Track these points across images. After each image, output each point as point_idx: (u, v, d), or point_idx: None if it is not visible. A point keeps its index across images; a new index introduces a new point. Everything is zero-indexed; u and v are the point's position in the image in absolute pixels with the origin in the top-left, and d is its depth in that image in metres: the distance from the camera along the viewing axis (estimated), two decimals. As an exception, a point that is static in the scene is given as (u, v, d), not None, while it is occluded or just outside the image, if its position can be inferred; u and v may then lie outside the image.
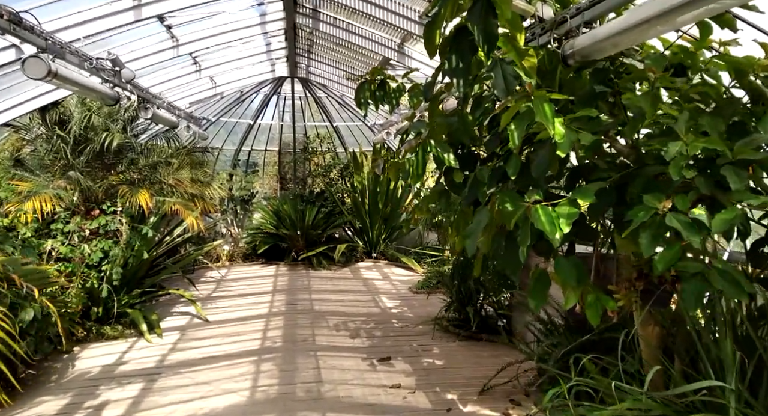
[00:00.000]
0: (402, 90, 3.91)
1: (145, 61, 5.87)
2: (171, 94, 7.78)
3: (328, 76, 8.96)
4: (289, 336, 6.04)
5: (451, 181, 3.44)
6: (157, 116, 6.55)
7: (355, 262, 10.93)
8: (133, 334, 6.02)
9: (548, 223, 2.49)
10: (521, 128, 2.64)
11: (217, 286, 8.79)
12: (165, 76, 7.12)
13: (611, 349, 3.83)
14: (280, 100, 11.76)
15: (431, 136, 3.28)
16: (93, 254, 5.57)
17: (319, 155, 12.53)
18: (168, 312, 7.11)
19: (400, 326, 6.43)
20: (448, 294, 6.51)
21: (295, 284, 8.98)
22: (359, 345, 5.73)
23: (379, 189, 10.96)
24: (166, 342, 5.83)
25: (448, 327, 6.12)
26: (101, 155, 6.16)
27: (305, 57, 8.31)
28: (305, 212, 10.87)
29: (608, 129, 2.92)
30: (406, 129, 4.16)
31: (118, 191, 5.71)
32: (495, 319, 5.91)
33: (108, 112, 6.15)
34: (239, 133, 12.09)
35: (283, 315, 6.98)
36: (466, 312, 5.89)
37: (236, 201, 11.62)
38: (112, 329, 5.99)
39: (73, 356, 5.31)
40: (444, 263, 9.21)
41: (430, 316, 6.72)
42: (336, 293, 8.29)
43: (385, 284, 9.02)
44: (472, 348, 5.58)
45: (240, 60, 7.73)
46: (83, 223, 5.64)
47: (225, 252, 10.80)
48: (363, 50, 6.65)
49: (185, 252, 9.40)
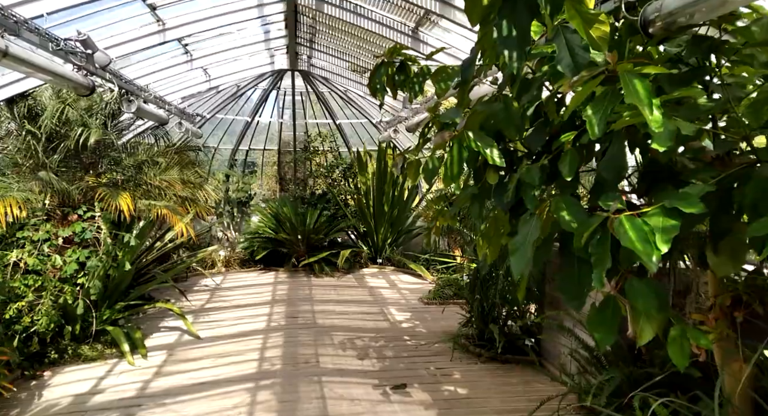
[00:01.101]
0: (427, 73, 3.23)
1: (127, 48, 5.21)
2: (161, 88, 7.12)
3: (331, 69, 8.30)
4: (290, 356, 5.37)
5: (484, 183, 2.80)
6: (143, 111, 5.89)
7: (359, 268, 10.27)
8: (115, 354, 5.36)
9: (640, 240, 1.84)
10: (601, 114, 1.98)
11: (212, 296, 8.12)
12: (152, 66, 6.46)
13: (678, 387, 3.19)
14: (280, 96, 11.10)
15: (469, 127, 2.61)
16: (67, 265, 4.90)
17: (320, 155, 11.86)
18: (155, 326, 6.44)
19: (414, 344, 5.76)
20: (466, 308, 5.86)
21: (296, 293, 8.31)
22: (369, 367, 5.06)
23: (385, 191, 10.30)
24: (150, 363, 5.16)
25: (468, 346, 5.46)
26: (79, 153, 5.49)
27: (307, 47, 7.65)
28: (306, 215, 10.21)
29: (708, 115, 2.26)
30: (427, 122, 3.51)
31: (96, 194, 5.03)
32: (521, 338, 5.24)
33: (87, 105, 5.48)
34: (236, 131, 11.42)
35: (282, 329, 6.32)
36: (488, 329, 5.22)
37: (233, 203, 10.96)
38: (90, 349, 5.33)
39: (42, 383, 4.64)
40: (456, 271, 8.56)
41: (446, 332, 6.07)
42: (340, 303, 7.63)
43: (393, 293, 8.35)
44: (498, 372, 4.91)
45: (235, 49, 7.06)
46: (56, 230, 4.98)
47: (221, 258, 10.13)
48: (371, 37, 5.99)
49: (178, 259, 8.74)
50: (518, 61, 2.25)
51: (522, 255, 2.32)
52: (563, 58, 2.15)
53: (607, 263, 1.94)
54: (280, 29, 6.82)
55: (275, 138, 12.10)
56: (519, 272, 2.31)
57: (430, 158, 3.15)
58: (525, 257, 2.31)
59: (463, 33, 4.89)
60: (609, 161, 2.29)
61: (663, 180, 2.40)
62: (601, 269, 1.95)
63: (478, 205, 3.02)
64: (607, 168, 2.29)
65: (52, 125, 4.97)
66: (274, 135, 12.09)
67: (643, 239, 1.83)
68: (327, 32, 6.72)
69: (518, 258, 2.32)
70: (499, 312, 5.44)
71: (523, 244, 2.35)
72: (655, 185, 2.46)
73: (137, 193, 5.92)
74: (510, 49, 2.22)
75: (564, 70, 2.15)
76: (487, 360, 5.17)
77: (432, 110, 3.67)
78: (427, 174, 3.12)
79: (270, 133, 12.11)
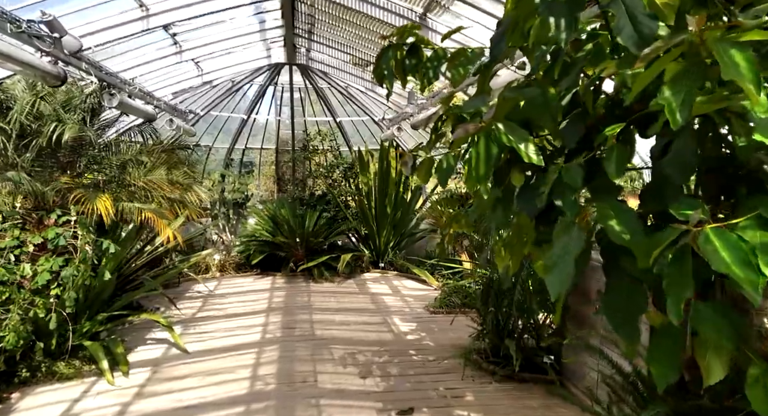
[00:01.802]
0: (442, 57, 2.75)
1: (105, 35, 4.74)
2: (149, 83, 6.66)
3: (331, 63, 7.83)
4: (285, 373, 4.90)
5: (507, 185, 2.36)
6: (127, 106, 5.43)
7: (360, 273, 9.80)
8: (93, 371, 4.89)
9: (738, 262, 1.42)
10: (684, 96, 1.53)
11: (204, 303, 7.65)
12: (138, 58, 6.00)
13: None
14: (277, 92, 10.62)
15: (498, 117, 2.13)
16: (39, 275, 4.43)
17: (320, 154, 11.39)
18: (141, 338, 5.97)
19: (420, 359, 5.29)
20: (477, 319, 5.38)
21: (294, 300, 7.83)
22: (372, 387, 4.59)
23: (388, 192, 9.83)
24: (132, 383, 4.69)
25: (480, 362, 4.99)
26: (55, 151, 5.02)
27: (305, 38, 7.17)
28: (305, 217, 9.74)
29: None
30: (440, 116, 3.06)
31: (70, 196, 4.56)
32: (539, 355, 4.76)
33: (65, 99, 5.01)
34: (232, 129, 10.94)
35: (278, 342, 5.84)
36: (504, 345, 4.75)
37: (229, 205, 10.48)
38: (66, 365, 4.86)
39: (9, 407, 4.17)
40: (463, 277, 8.08)
41: (455, 345, 5.60)
42: (341, 312, 7.15)
43: (397, 300, 7.88)
44: (515, 393, 4.44)
45: (228, 41, 6.59)
46: (26, 236, 4.51)
47: (215, 262, 9.65)
48: (375, 25, 5.52)
49: (170, 263, 8.27)
50: (567, 30, 1.80)
51: (561, 271, 1.85)
52: (623, 27, 1.69)
53: (686, 291, 1.49)
54: (277, 19, 6.35)
55: (273, 137, 11.63)
56: (558, 291, 1.85)
57: (445, 156, 2.68)
58: (565, 273, 1.85)
59: (477, 17, 4.43)
60: (675, 158, 1.83)
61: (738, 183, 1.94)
62: (677, 297, 1.50)
63: (502, 210, 2.53)
64: (673, 165, 1.83)
65: (24, 120, 4.50)
66: (272, 134, 11.62)
67: (742, 262, 1.38)
68: (327, 22, 6.25)
69: (557, 275, 1.85)
70: (514, 325, 4.97)
71: (562, 258, 1.88)
72: (729, 190, 1.99)
73: (121, 194, 5.45)
74: (557, 15, 1.77)
75: (626, 42, 1.68)
76: (503, 378, 4.70)
77: (446, 101, 3.18)
78: (442, 174, 2.65)
79: (267, 131, 11.64)
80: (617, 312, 1.86)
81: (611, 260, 1.97)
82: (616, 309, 1.87)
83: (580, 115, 2.20)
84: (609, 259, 1.98)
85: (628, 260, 1.79)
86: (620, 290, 1.89)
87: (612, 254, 1.95)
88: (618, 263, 1.92)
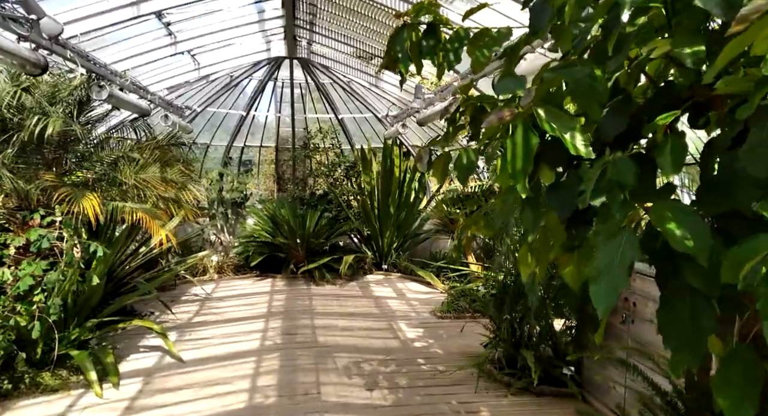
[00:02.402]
0: (464, 38, 2.42)
1: (92, 23, 4.41)
2: (143, 76, 6.35)
3: (333, 56, 7.52)
4: (287, 385, 4.58)
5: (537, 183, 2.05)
6: (118, 99, 5.11)
7: (363, 275, 9.48)
8: (81, 382, 4.57)
9: None
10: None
11: (201, 307, 7.33)
12: (130, 49, 5.68)
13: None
14: (277, 88, 10.29)
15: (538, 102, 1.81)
16: (21, 280, 4.11)
17: (321, 153, 11.07)
18: (134, 346, 5.65)
19: (430, 369, 4.97)
20: (490, 326, 5.08)
21: (295, 304, 7.52)
22: (379, 401, 4.27)
23: (391, 191, 9.52)
24: (122, 395, 4.37)
25: (494, 373, 4.68)
26: (41, 147, 4.70)
27: (307, 30, 6.85)
28: (306, 217, 9.42)
29: None
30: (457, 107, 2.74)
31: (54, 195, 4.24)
32: (558, 366, 4.45)
33: (51, 91, 4.69)
34: (230, 126, 10.62)
35: (279, 350, 5.53)
36: (520, 356, 4.43)
37: (227, 204, 10.15)
38: (52, 376, 4.55)
39: (-13, 423, 3.86)
40: (470, 280, 7.77)
41: (466, 354, 5.30)
42: (344, 317, 6.84)
43: (402, 304, 7.57)
44: (533, 408, 4.13)
45: (226, 32, 6.26)
46: (8, 238, 4.19)
47: (213, 264, 9.33)
48: (380, 15, 5.20)
49: (166, 265, 7.95)
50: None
51: (609, 283, 1.55)
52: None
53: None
54: (276, 9, 6.03)
55: (272, 134, 11.30)
56: (606, 306, 1.55)
57: (465, 150, 2.37)
58: (614, 285, 1.54)
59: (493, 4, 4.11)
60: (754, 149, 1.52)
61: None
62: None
63: (532, 212, 2.20)
64: (753, 159, 1.51)
65: (5, 113, 4.18)
66: (272, 131, 11.30)
67: None
68: (330, 11, 5.93)
69: (604, 287, 1.55)
70: (530, 333, 4.66)
71: (610, 267, 1.57)
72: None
73: (112, 193, 5.14)
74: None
75: (712, 8, 1.38)
76: (519, 391, 4.38)
77: (465, 89, 2.85)
78: (461, 171, 2.33)
79: (267, 128, 11.31)
80: (677, 333, 1.56)
81: (668, 271, 1.67)
82: (675, 329, 1.57)
83: (623, 102, 1.90)
84: (665, 269, 1.67)
85: (692, 270, 1.50)
86: (681, 307, 1.58)
87: (669, 264, 1.65)
88: (677, 275, 1.61)
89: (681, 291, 1.59)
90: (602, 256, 1.57)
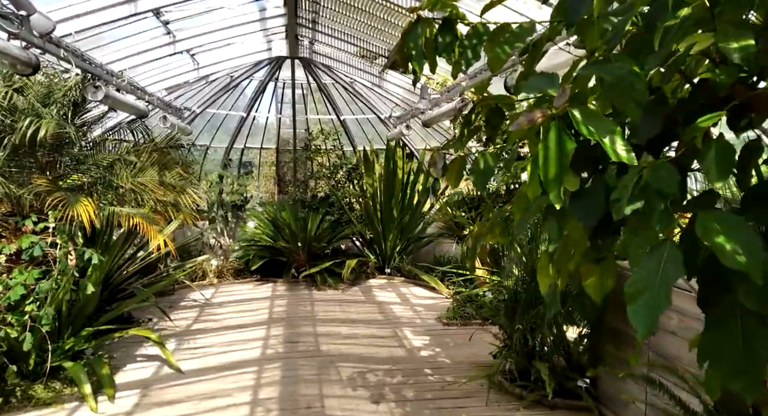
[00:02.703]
0: (484, 34, 2.24)
1: (88, 20, 4.24)
2: (141, 77, 6.17)
3: (336, 56, 7.34)
4: (289, 398, 4.40)
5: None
6: (114, 100, 4.93)
7: (365, 279, 9.30)
8: (75, 395, 4.39)
9: None
10: None
11: (200, 314, 7.14)
12: (128, 49, 5.50)
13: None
14: (278, 89, 10.11)
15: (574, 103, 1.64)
16: (11, 290, 3.93)
17: (323, 154, 10.89)
18: (131, 355, 5.47)
19: (438, 380, 4.79)
20: (500, 335, 4.90)
21: (296, 310, 7.34)
22: (386, 415, 4.09)
23: (394, 194, 9.34)
24: (117, 409, 4.19)
25: (505, 384, 4.50)
26: (34, 150, 4.52)
27: (309, 28, 6.67)
28: (307, 220, 9.24)
29: None
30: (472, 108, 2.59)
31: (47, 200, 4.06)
32: (572, 378, 4.26)
33: (44, 92, 4.52)
34: (230, 127, 10.44)
35: (280, 359, 5.35)
36: (534, 368, 4.25)
37: (227, 207, 9.96)
38: (45, 389, 4.38)
39: (-25, 441, 3.68)
40: (476, 285, 7.58)
41: (474, 363, 5.12)
42: (347, 324, 6.66)
43: (406, 310, 7.38)
44: (548, 422, 3.95)
45: (226, 31, 6.09)
46: None
47: (213, 268, 9.14)
48: (385, 13, 5.03)
49: (164, 269, 7.77)
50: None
51: (651, 302, 1.40)
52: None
53: None
54: (278, 7, 5.86)
55: (273, 136, 11.13)
56: (647, 329, 1.39)
57: (482, 154, 2.21)
58: (656, 305, 1.39)
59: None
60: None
61: None
62: None
63: (556, 221, 2.02)
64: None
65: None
66: (272, 132, 11.12)
67: None
68: (333, 9, 5.76)
69: (645, 307, 1.41)
70: (543, 342, 4.49)
71: (650, 285, 1.42)
72: None
73: (108, 198, 4.96)
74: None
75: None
76: (532, 404, 4.20)
77: (481, 88, 2.69)
78: (478, 177, 2.19)
79: (267, 130, 11.13)
80: (727, 359, 1.40)
81: (714, 289, 1.52)
82: (724, 355, 1.42)
83: (657, 102, 1.74)
84: (711, 286, 1.52)
85: (745, 289, 1.34)
86: (731, 330, 1.42)
87: (716, 281, 1.49)
88: (725, 293, 1.45)
89: (730, 312, 1.43)
90: (641, 272, 1.42)
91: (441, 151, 2.67)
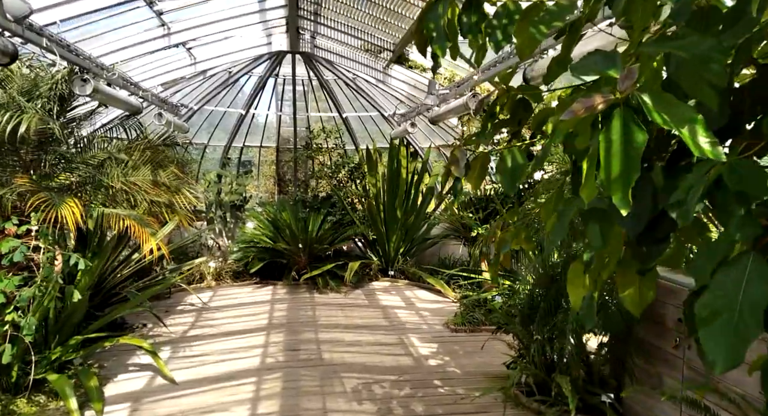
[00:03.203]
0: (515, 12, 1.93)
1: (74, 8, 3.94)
2: (134, 71, 5.88)
3: (338, 50, 7.04)
4: (290, 412, 4.11)
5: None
6: (104, 94, 4.64)
7: (368, 282, 9.01)
8: (61, 409, 4.10)
9: None
10: None
11: (197, 319, 6.85)
12: (120, 41, 5.20)
13: None
14: (278, 85, 9.81)
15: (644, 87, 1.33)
16: (-10, 298, 3.64)
17: (324, 153, 10.59)
18: (123, 364, 5.18)
19: (448, 392, 4.50)
20: (514, 344, 4.62)
21: (297, 315, 7.05)
22: (395, 432, 3.80)
23: (398, 194, 9.04)
24: (106, 425, 3.90)
25: (521, 398, 4.21)
26: (16, 147, 4.23)
27: (311, 21, 6.38)
28: (308, 221, 8.95)
29: None
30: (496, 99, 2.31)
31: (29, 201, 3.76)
32: (596, 393, 3.97)
33: (27, 85, 4.22)
34: (229, 125, 10.14)
35: (281, 369, 5.06)
36: (555, 382, 3.96)
37: (226, 207, 9.66)
38: (28, 403, 4.10)
39: (-51, 463, 3.38)
40: (484, 289, 7.28)
41: (486, 374, 4.85)
42: (350, 330, 6.37)
43: (411, 315, 7.10)
44: (570, 442, 3.65)
45: (223, 22, 5.79)
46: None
47: (211, 270, 8.84)
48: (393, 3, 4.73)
49: (160, 272, 7.47)
50: None
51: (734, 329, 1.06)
52: None
53: None
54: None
55: (273, 134, 10.83)
56: (727, 365, 1.05)
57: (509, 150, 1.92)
58: (740, 334, 1.05)
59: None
60: None
61: None
62: None
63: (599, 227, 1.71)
64: None
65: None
66: (272, 131, 10.82)
67: None
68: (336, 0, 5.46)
69: (724, 336, 1.06)
70: (562, 354, 4.19)
71: (730, 308, 1.08)
72: None
73: (97, 199, 4.67)
74: None
75: None
76: (551, 420, 3.91)
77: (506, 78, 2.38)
78: (506, 176, 1.88)
79: (267, 128, 10.84)
80: None
81: None
82: None
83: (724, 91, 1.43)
84: None
85: None
86: None
87: None
88: None
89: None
90: (716, 291, 1.11)
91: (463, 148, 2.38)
